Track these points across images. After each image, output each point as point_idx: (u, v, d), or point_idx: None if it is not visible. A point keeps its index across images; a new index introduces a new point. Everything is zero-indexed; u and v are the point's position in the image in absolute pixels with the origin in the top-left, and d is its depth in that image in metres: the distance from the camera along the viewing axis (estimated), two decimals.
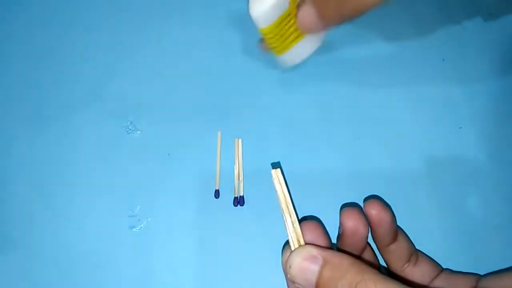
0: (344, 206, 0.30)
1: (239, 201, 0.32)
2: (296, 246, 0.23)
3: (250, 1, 0.26)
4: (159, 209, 0.32)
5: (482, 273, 0.29)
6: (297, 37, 0.29)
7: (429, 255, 0.30)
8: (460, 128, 0.33)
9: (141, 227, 0.31)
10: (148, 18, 0.37)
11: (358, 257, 0.26)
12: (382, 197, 0.32)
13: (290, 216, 0.24)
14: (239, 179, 0.32)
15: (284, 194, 0.24)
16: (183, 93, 0.35)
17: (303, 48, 0.30)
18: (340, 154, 0.33)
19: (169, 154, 0.33)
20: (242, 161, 0.32)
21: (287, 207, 0.24)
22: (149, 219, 0.32)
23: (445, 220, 0.31)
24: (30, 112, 0.35)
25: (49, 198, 0.32)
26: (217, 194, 0.32)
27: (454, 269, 0.30)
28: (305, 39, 0.29)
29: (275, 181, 0.24)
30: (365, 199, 0.31)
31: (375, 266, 0.28)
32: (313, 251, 0.23)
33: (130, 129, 0.34)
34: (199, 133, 0.33)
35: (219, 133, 0.33)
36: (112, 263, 0.31)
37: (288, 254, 0.23)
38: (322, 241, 0.24)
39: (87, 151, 0.33)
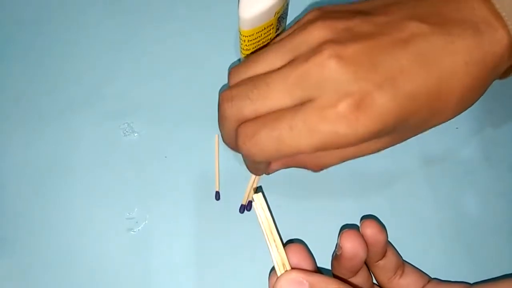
0: (344, 227, 0.30)
1: (246, 207, 0.32)
2: (282, 271, 0.23)
3: (240, 1, 0.27)
4: (157, 211, 0.32)
5: (478, 272, 0.30)
6: (266, 46, 0.31)
7: (425, 254, 0.30)
8: (457, 128, 0.33)
9: (139, 230, 0.31)
10: (146, 20, 0.37)
11: (346, 281, 0.26)
12: (378, 196, 0.32)
13: (274, 241, 0.24)
14: (252, 185, 0.32)
15: (267, 219, 0.24)
16: (181, 95, 0.35)
17: None
18: None
19: (166, 157, 0.33)
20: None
21: (271, 232, 0.24)
22: (146, 222, 0.32)
23: (442, 220, 0.31)
24: (26, 114, 0.34)
25: (46, 200, 0.32)
26: (217, 195, 0.32)
27: (451, 269, 0.30)
28: None
29: (257, 206, 0.24)
30: (362, 218, 0.31)
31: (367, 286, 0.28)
32: (299, 276, 0.23)
33: (127, 131, 0.34)
34: (197, 135, 0.33)
35: (216, 136, 0.33)
36: (110, 265, 0.31)
37: (274, 279, 0.23)
38: (307, 264, 0.24)
39: (84, 153, 0.33)
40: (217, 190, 0.32)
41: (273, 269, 0.24)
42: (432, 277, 0.29)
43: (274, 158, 0.24)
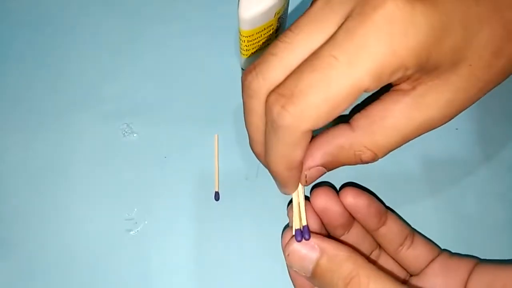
0: (315, 187, 0.28)
1: (215, 196, 0.32)
2: (298, 226, 0.24)
3: (240, 2, 0.27)
4: (156, 212, 0.32)
5: None
6: (266, 46, 0.31)
7: None
8: (457, 129, 0.33)
9: (138, 230, 0.31)
10: (145, 21, 0.37)
11: (357, 250, 0.26)
12: (378, 197, 0.32)
13: (298, 196, 0.24)
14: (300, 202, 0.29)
15: None
16: (180, 95, 0.35)
17: None
18: None
19: (165, 157, 0.33)
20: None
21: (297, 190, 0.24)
22: (146, 222, 0.31)
23: (442, 221, 0.31)
24: (26, 114, 0.34)
25: (45, 200, 0.32)
26: (217, 196, 0.32)
27: None
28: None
29: None
30: (340, 188, 0.30)
31: (370, 245, 0.28)
32: (312, 240, 0.23)
33: (126, 132, 0.34)
34: (196, 135, 0.33)
35: (216, 136, 0.33)
36: (109, 266, 0.30)
37: (288, 237, 0.23)
38: (314, 222, 0.25)
39: (83, 153, 0.33)
40: (217, 190, 0.32)
41: (286, 226, 0.23)
42: None
43: (330, 117, 0.19)
